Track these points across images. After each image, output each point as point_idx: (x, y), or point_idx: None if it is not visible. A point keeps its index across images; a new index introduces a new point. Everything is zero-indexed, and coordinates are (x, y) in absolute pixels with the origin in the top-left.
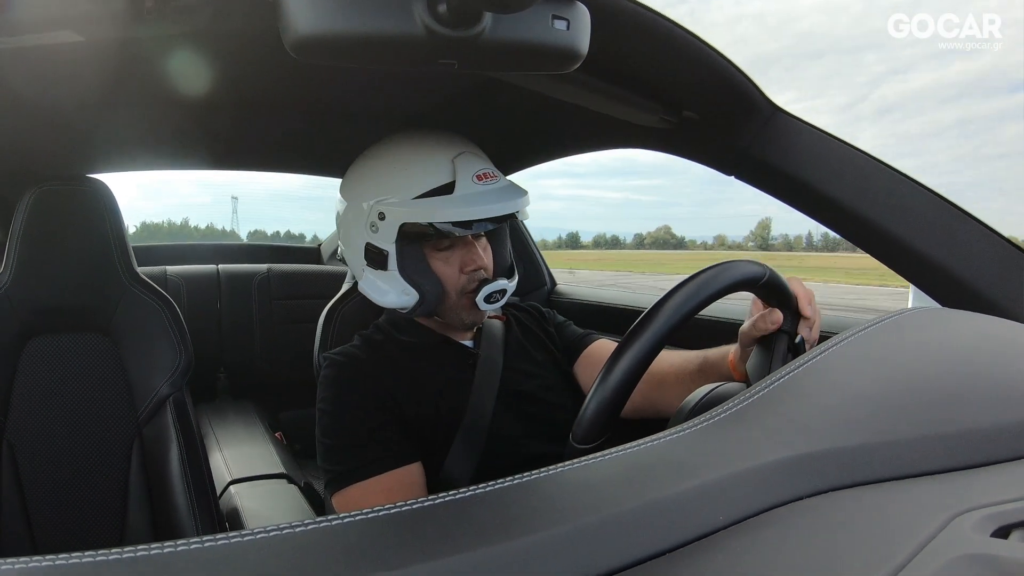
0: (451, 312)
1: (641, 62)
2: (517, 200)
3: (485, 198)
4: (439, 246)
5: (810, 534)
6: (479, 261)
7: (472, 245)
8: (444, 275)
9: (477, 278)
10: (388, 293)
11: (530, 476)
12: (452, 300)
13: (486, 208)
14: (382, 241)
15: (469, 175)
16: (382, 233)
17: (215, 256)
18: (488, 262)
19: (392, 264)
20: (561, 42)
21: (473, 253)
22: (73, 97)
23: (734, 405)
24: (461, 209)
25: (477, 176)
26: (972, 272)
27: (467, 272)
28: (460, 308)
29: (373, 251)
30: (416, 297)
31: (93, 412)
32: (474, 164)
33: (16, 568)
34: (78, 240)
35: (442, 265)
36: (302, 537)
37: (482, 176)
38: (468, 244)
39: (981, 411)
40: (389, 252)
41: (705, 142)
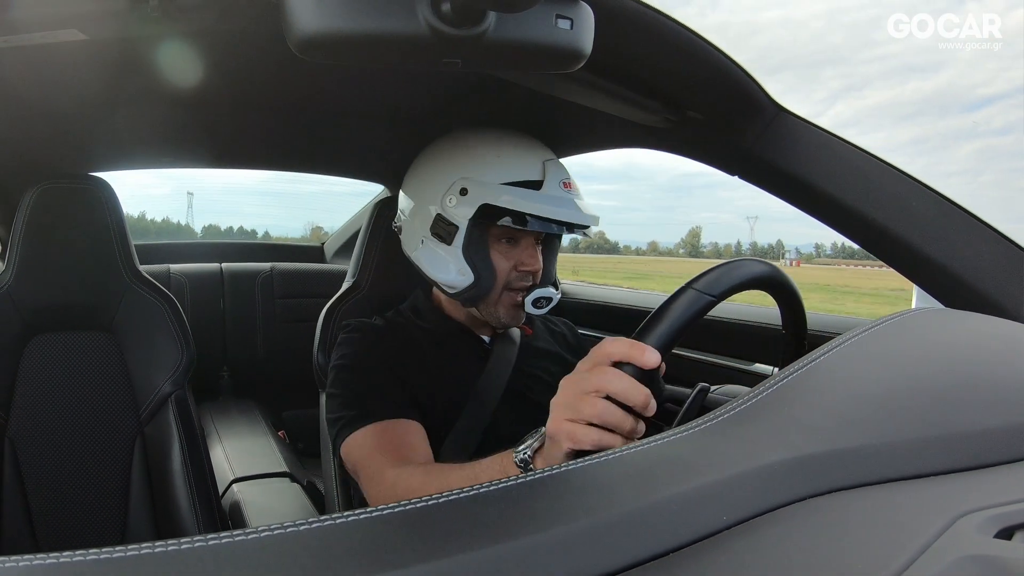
0: (492, 306)
1: (644, 61)
2: (593, 216)
3: (569, 204)
4: (504, 238)
5: (814, 535)
6: (535, 264)
7: (532, 248)
8: (499, 267)
9: (526, 280)
10: (447, 268)
11: (535, 475)
12: (497, 294)
13: (569, 213)
14: (456, 216)
15: (557, 180)
16: (459, 208)
17: (218, 254)
18: (541, 269)
19: (458, 240)
20: (564, 41)
21: (532, 255)
22: (76, 95)
23: (738, 405)
24: (547, 207)
25: (563, 183)
26: (975, 272)
27: (520, 271)
28: (501, 305)
29: (443, 223)
30: (471, 279)
31: (95, 410)
32: (561, 171)
33: (20, 566)
34: (80, 238)
35: (500, 258)
36: (306, 536)
37: (567, 184)
38: (529, 246)
39: (985, 412)
40: (460, 228)
41: (708, 142)
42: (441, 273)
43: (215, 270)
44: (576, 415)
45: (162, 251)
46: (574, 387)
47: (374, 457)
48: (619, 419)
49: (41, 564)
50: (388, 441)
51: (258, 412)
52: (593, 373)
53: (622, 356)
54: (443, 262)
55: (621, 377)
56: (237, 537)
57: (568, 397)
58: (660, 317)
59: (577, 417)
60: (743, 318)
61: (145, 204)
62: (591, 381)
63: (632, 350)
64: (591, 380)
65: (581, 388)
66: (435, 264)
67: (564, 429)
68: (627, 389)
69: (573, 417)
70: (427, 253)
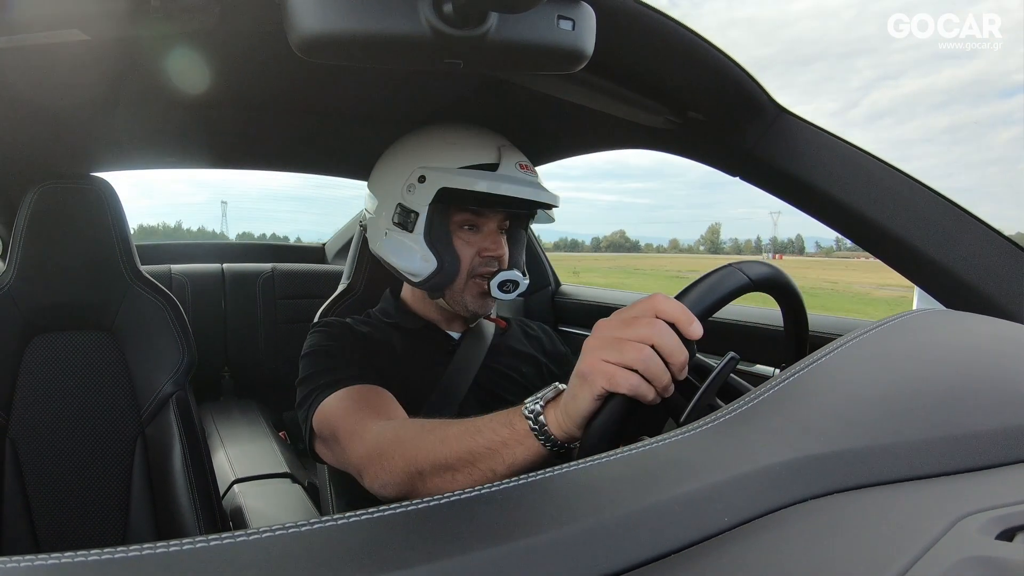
0: (458, 295)
1: (646, 63)
2: (552, 194)
3: (525, 184)
4: (465, 224)
5: (815, 536)
6: (498, 249)
7: (495, 233)
8: (462, 253)
9: (491, 266)
10: (411, 256)
11: (535, 476)
12: (462, 281)
13: (526, 190)
14: (416, 203)
15: (513, 162)
16: (418, 195)
17: (220, 255)
18: (505, 254)
19: (419, 227)
20: (566, 42)
21: (495, 240)
22: (77, 96)
23: (739, 406)
24: (504, 185)
25: (520, 165)
26: (976, 273)
27: (484, 256)
28: (467, 292)
29: (403, 212)
30: (434, 265)
31: (96, 410)
32: (517, 155)
33: (22, 566)
34: (81, 238)
35: (463, 244)
36: (308, 537)
37: (524, 167)
38: (491, 232)
39: (987, 413)
40: (420, 214)
41: (710, 143)
42: (405, 261)
43: (216, 271)
44: (618, 357)
45: (163, 251)
46: (616, 330)
47: (351, 414)
48: (660, 371)
49: (42, 564)
50: (365, 400)
51: (259, 413)
52: (642, 322)
53: (671, 317)
54: (406, 250)
55: (670, 333)
56: (239, 538)
57: (608, 340)
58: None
59: (618, 360)
60: (744, 319)
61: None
62: (639, 328)
63: (683, 315)
64: (639, 327)
65: (625, 332)
66: (399, 253)
67: (602, 369)
68: (673, 347)
69: (613, 359)
70: (391, 243)
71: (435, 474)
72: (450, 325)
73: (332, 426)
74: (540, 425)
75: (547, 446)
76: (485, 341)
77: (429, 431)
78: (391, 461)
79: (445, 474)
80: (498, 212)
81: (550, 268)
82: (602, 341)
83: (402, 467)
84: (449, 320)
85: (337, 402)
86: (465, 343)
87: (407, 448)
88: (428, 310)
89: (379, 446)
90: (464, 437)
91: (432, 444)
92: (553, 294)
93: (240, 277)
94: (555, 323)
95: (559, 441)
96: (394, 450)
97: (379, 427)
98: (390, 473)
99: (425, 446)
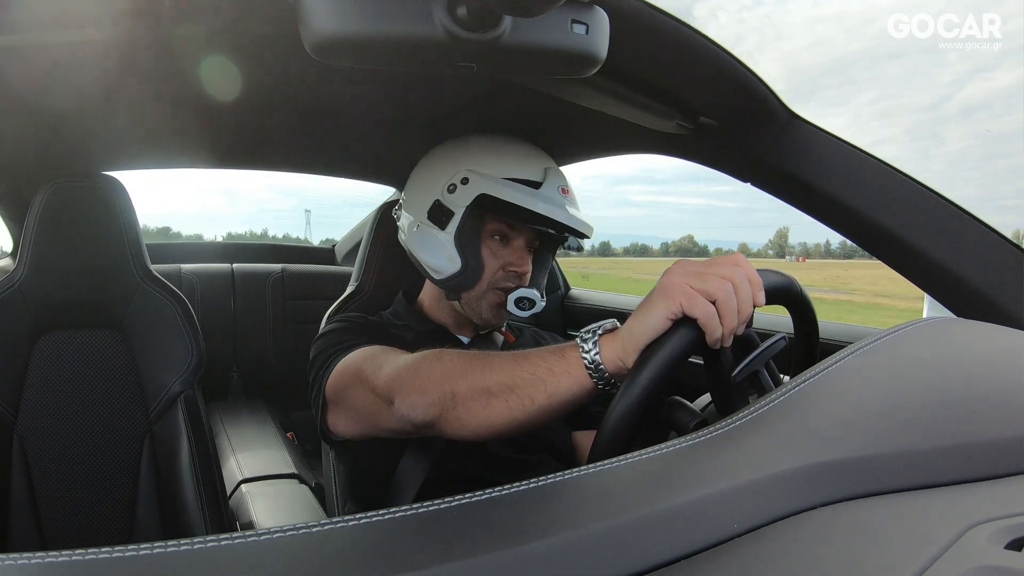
0: (475, 301)
1: (659, 67)
2: (587, 223)
3: (564, 208)
4: (497, 235)
5: (824, 544)
6: (524, 266)
7: (523, 250)
8: (487, 262)
9: (513, 280)
10: (438, 253)
11: (546, 480)
12: (482, 289)
13: (563, 214)
14: (453, 203)
15: (556, 184)
16: (457, 195)
17: (229, 255)
18: (529, 272)
19: (452, 227)
20: (580, 46)
21: (522, 257)
22: (89, 95)
23: (749, 414)
24: (542, 204)
25: (562, 188)
26: (987, 282)
27: (508, 271)
28: (485, 301)
29: (440, 209)
30: (458, 266)
31: (104, 409)
32: (561, 178)
33: (32, 563)
34: (92, 236)
35: (490, 254)
36: (316, 538)
37: (565, 191)
38: (520, 248)
39: (996, 422)
40: (456, 214)
41: (722, 149)
42: (430, 256)
43: (226, 271)
44: (702, 285)
45: (173, 251)
46: (703, 265)
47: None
48: (732, 311)
49: (55, 561)
50: (386, 349)
51: (267, 413)
52: (727, 266)
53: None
54: (435, 245)
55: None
56: (247, 538)
57: (695, 269)
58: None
59: (702, 287)
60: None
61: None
62: (726, 268)
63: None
64: (726, 267)
65: (712, 269)
66: (426, 247)
67: (684, 290)
68: (746, 295)
69: (697, 285)
70: (420, 236)
71: (470, 397)
72: (460, 330)
73: (354, 369)
74: (592, 354)
75: (594, 378)
76: (495, 348)
77: (472, 355)
78: (426, 380)
79: (480, 398)
80: (530, 230)
81: (560, 273)
82: (690, 268)
83: (436, 386)
84: (460, 325)
85: (356, 354)
86: (474, 348)
87: (446, 367)
88: (442, 314)
89: (415, 365)
90: (509, 362)
91: (474, 367)
92: (563, 298)
93: (250, 277)
94: (564, 327)
95: (608, 374)
96: (431, 368)
97: (412, 355)
98: (422, 392)
99: (466, 368)
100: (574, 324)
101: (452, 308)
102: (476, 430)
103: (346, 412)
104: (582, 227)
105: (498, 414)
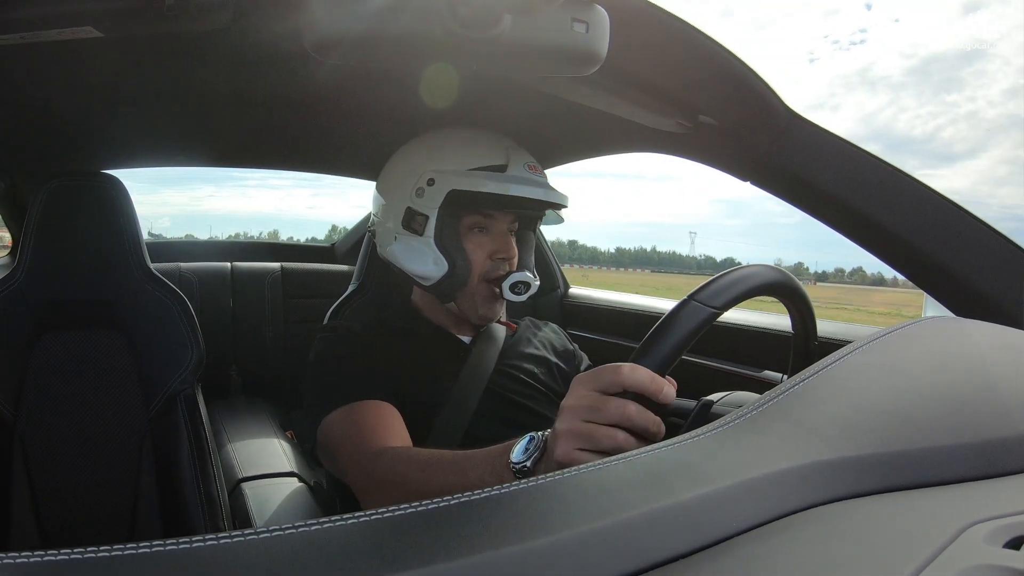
0: (469, 298)
1: (659, 66)
2: (561, 194)
3: (534, 184)
4: (476, 227)
5: (823, 542)
6: (509, 251)
7: (505, 235)
8: (473, 256)
9: (502, 268)
10: (422, 260)
11: (546, 479)
12: (473, 284)
13: (536, 191)
14: (425, 206)
15: (521, 162)
16: (427, 198)
17: (228, 253)
18: (516, 256)
19: (429, 230)
20: (580, 45)
21: (505, 242)
22: (89, 93)
23: (747, 412)
24: (513, 186)
25: (528, 166)
26: (987, 282)
27: (495, 259)
28: (478, 296)
29: (413, 215)
30: (446, 268)
31: (104, 408)
32: (525, 156)
33: (32, 562)
34: (92, 235)
35: (473, 247)
36: (316, 536)
37: (532, 167)
38: (501, 234)
39: (995, 421)
40: (430, 217)
41: (721, 148)
42: (416, 265)
43: (225, 269)
44: (592, 445)
45: (172, 249)
46: (587, 412)
47: (352, 438)
48: (636, 446)
49: (54, 560)
50: (367, 423)
51: (266, 412)
52: (611, 405)
53: (640, 390)
54: (417, 253)
55: (642, 412)
56: (247, 536)
57: (580, 426)
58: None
59: (593, 447)
60: (752, 324)
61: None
62: (610, 413)
63: (651, 384)
64: (610, 412)
65: (597, 416)
66: (410, 256)
67: (579, 459)
68: (647, 423)
69: (590, 447)
70: (401, 247)
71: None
72: (460, 330)
73: (334, 446)
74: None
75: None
76: (496, 345)
77: (420, 468)
78: (385, 495)
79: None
80: (508, 213)
81: (559, 271)
82: (574, 431)
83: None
84: (459, 324)
85: (340, 420)
86: (476, 348)
87: (398, 482)
88: (438, 315)
89: (375, 480)
90: (451, 475)
91: (421, 480)
92: (562, 297)
93: (249, 276)
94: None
95: None
96: (388, 483)
97: (376, 460)
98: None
99: (415, 482)
100: (574, 323)
101: (448, 309)
102: None
103: (330, 463)
104: (557, 199)
105: None
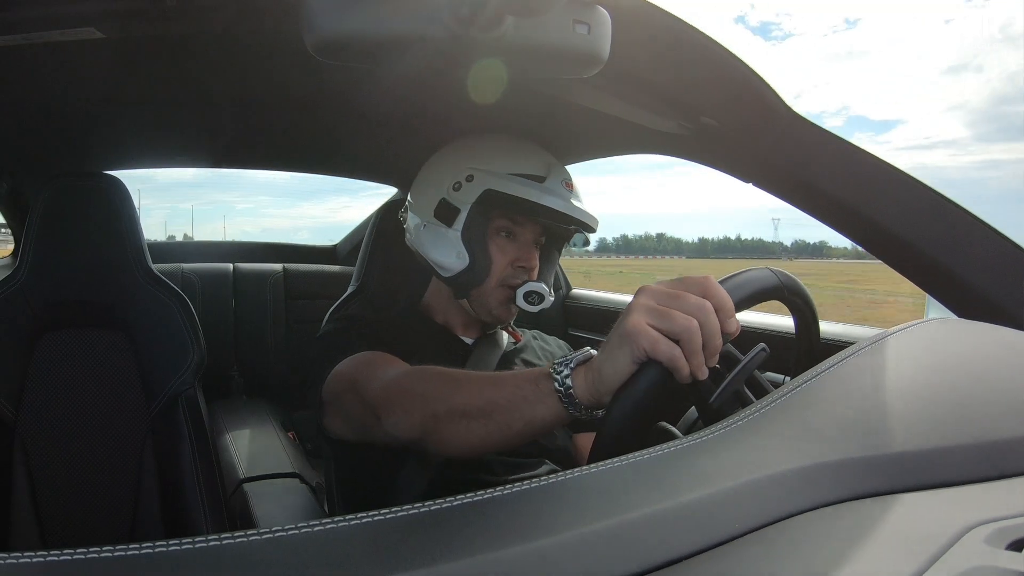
0: (483, 298)
1: (661, 67)
2: (593, 216)
3: (568, 201)
4: (503, 231)
5: (824, 543)
6: (532, 261)
7: (530, 246)
8: (495, 258)
9: (521, 276)
10: (445, 250)
11: (548, 480)
12: (490, 286)
13: (568, 206)
14: (459, 200)
15: (560, 179)
16: (463, 192)
17: (230, 254)
18: (537, 267)
19: (458, 223)
20: (582, 46)
21: (528, 252)
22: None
23: (750, 413)
24: (549, 197)
25: (565, 183)
26: (989, 283)
27: (516, 267)
28: (493, 298)
29: (445, 206)
30: (467, 262)
31: (105, 408)
32: (564, 173)
33: (33, 562)
34: (93, 235)
35: (497, 250)
36: (318, 537)
37: (569, 185)
38: (526, 243)
39: (997, 423)
40: (461, 210)
41: (723, 149)
42: (438, 254)
43: (227, 270)
44: (665, 324)
45: (174, 250)
46: (665, 299)
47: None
48: (697, 349)
49: (56, 560)
50: (382, 356)
51: (268, 412)
52: (692, 298)
53: (718, 303)
54: (442, 242)
55: (715, 317)
56: (249, 537)
57: (657, 304)
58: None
59: (665, 327)
60: (754, 326)
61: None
62: (690, 303)
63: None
64: (690, 302)
65: (675, 303)
66: (434, 244)
67: (646, 332)
68: (714, 329)
69: (659, 326)
70: (427, 234)
71: (450, 420)
72: (466, 331)
73: (349, 376)
74: (566, 388)
75: (569, 410)
76: (499, 349)
77: (451, 376)
78: (409, 400)
79: (460, 421)
80: (536, 224)
81: (561, 272)
82: (650, 306)
83: (419, 407)
84: (466, 325)
85: (352, 360)
86: (478, 349)
87: (427, 388)
88: (448, 314)
89: (399, 384)
90: (487, 385)
91: (452, 388)
92: (564, 298)
93: (251, 277)
94: (565, 327)
95: (583, 406)
96: (414, 388)
97: (401, 369)
98: (406, 412)
99: (445, 389)
100: (575, 324)
101: (459, 308)
102: (458, 451)
103: (341, 416)
104: (588, 219)
105: (477, 438)
